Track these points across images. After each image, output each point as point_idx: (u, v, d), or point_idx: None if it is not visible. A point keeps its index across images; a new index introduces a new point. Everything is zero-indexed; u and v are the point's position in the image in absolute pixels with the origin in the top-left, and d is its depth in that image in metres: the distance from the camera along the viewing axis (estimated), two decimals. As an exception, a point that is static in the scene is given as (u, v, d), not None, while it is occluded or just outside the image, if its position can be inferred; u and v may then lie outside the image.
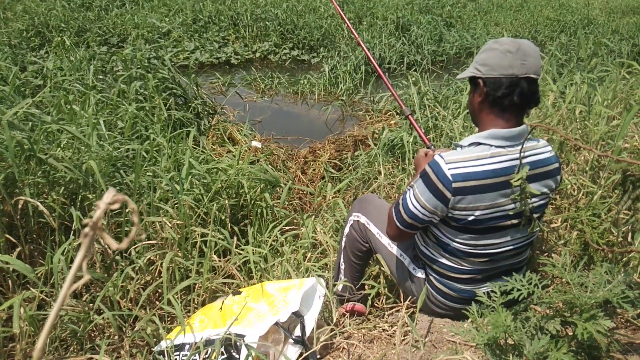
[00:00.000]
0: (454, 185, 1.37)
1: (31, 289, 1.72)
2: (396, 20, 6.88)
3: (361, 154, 3.56)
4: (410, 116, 2.06)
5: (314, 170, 3.62)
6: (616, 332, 1.42)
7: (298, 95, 5.23)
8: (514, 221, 1.45)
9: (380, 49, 6.11)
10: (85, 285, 1.94)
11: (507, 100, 1.38)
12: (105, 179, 2.07)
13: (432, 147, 1.89)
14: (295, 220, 2.64)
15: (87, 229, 0.39)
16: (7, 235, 1.84)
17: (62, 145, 2.24)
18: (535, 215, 1.46)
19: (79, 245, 1.90)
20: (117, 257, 1.97)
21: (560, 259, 1.33)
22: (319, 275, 1.92)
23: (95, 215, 0.39)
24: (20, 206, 1.88)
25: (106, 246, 1.94)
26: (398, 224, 1.54)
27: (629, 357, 1.28)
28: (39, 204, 1.82)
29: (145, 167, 2.38)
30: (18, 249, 1.86)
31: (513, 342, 1.16)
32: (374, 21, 7.05)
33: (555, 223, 2.06)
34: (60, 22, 6.37)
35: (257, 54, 6.44)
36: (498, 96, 1.38)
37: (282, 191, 2.65)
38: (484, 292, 1.37)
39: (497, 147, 1.39)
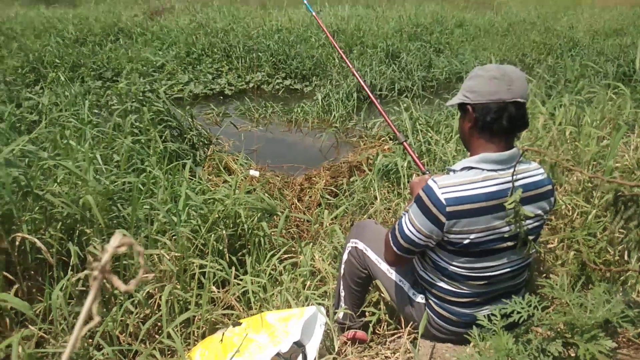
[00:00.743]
0: (447, 209, 1.39)
1: (29, 326, 1.71)
2: (386, 48, 7.01)
3: (356, 180, 3.59)
4: (404, 142, 2.10)
5: (310, 197, 3.63)
6: (618, 352, 1.42)
7: (292, 123, 5.29)
8: (510, 243, 1.46)
9: (371, 76, 6.21)
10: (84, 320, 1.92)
11: (497, 125, 1.41)
12: (102, 213, 2.08)
13: (427, 172, 1.91)
14: (293, 249, 2.64)
15: (95, 272, 0.40)
16: (5, 273, 1.84)
17: (58, 181, 2.25)
18: (530, 238, 1.48)
19: (78, 280, 1.89)
20: (116, 292, 1.96)
21: (559, 280, 1.34)
22: (319, 304, 1.92)
23: (104, 259, 0.41)
24: (17, 243, 1.87)
25: (104, 281, 1.93)
26: (395, 249, 1.55)
27: (632, 377, 1.28)
28: (36, 240, 1.82)
29: (142, 199, 2.38)
30: (16, 286, 1.85)
31: (516, 366, 1.16)
32: (364, 49, 7.18)
33: (552, 243, 2.08)
34: (55, 57, 6.44)
35: (251, 84, 6.52)
36: (487, 121, 1.42)
37: (279, 219, 2.66)
38: (484, 315, 1.37)
39: (489, 170, 1.42)
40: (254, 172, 3.50)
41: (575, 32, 8.70)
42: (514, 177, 1.36)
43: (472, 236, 1.42)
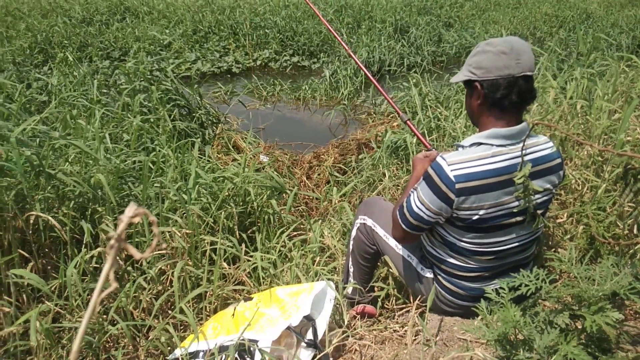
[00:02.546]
0: (457, 186, 1.39)
1: (46, 302, 1.75)
2: (395, 22, 6.91)
3: (365, 157, 3.58)
4: (408, 121, 2.08)
5: (318, 175, 3.64)
6: (625, 324, 1.43)
7: (300, 101, 5.27)
8: (519, 218, 1.46)
9: (379, 51, 6.14)
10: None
11: (507, 101, 1.40)
12: (113, 191, 2.11)
13: (433, 149, 1.90)
14: (302, 226, 2.66)
15: (112, 241, 0.41)
16: (20, 251, 1.88)
17: (70, 160, 2.28)
18: (539, 212, 1.47)
19: (91, 257, 1.93)
20: (129, 268, 2.00)
21: (567, 254, 1.34)
22: (329, 279, 1.94)
23: (119, 228, 0.42)
24: (31, 221, 1.91)
25: (118, 258, 1.96)
26: (404, 226, 1.56)
27: (639, 348, 1.29)
28: (50, 218, 1.85)
29: (153, 178, 2.41)
30: (31, 264, 1.90)
31: (523, 337, 1.17)
32: (373, 24, 7.08)
33: (561, 218, 2.08)
34: (63, 38, 6.44)
35: (258, 62, 6.48)
36: (497, 97, 1.40)
37: (289, 197, 2.68)
38: (492, 289, 1.38)
39: (498, 146, 1.41)
40: (263, 158, 3.52)
41: (589, 4, 8.51)
42: (523, 151, 1.35)
43: (481, 212, 1.43)
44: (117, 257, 1.90)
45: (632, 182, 1.13)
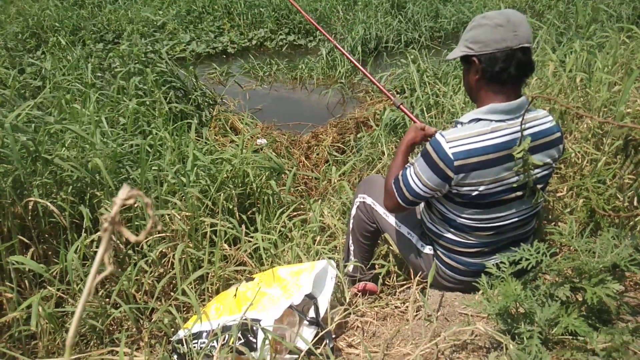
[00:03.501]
0: (455, 163, 1.38)
1: (48, 287, 1.76)
2: (391, -2, 6.80)
3: (364, 136, 3.56)
4: (401, 106, 2.04)
5: (317, 154, 3.63)
6: (625, 295, 1.44)
7: (297, 80, 5.22)
8: (518, 193, 1.46)
9: (376, 28, 6.06)
10: (100, 281, 1.97)
11: (505, 74, 1.38)
12: (111, 175, 2.10)
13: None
14: (302, 206, 2.66)
15: (106, 224, 0.41)
16: (20, 237, 1.87)
17: (66, 145, 2.26)
18: (539, 186, 1.47)
19: (92, 242, 1.93)
20: (130, 252, 2.00)
21: (567, 227, 1.34)
22: (330, 258, 1.95)
23: (113, 211, 0.41)
24: (30, 207, 1.91)
25: (118, 241, 1.97)
26: (399, 199, 1.55)
27: (639, 319, 1.29)
28: (48, 203, 1.85)
29: (151, 161, 2.40)
30: (32, 250, 1.90)
31: (524, 311, 1.18)
32: (369, 1, 6.97)
33: (561, 192, 2.07)
34: (55, 22, 6.34)
35: (254, 42, 6.40)
36: (496, 71, 1.38)
37: (288, 178, 2.67)
38: (493, 264, 1.38)
39: (497, 121, 1.39)
40: (261, 141, 3.49)
41: (588, -25, 8.36)
42: (523, 126, 1.34)
43: (481, 188, 1.42)
44: (117, 241, 1.90)
45: (633, 153, 1.12)
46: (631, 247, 1.21)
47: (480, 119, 1.41)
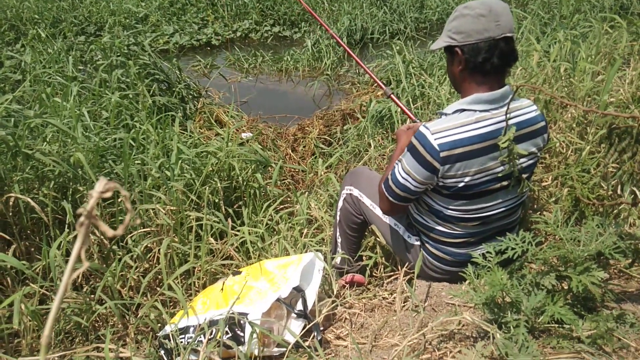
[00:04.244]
0: (441, 154, 1.37)
1: (31, 284, 1.73)
2: (376, -11, 6.77)
3: (350, 128, 3.56)
4: (392, 95, 2.04)
5: (304, 147, 3.61)
6: (610, 283, 1.45)
7: (282, 72, 5.18)
8: (504, 183, 1.46)
9: (362, 19, 6.03)
10: (84, 277, 1.94)
11: (489, 64, 1.38)
12: (94, 170, 2.06)
13: (418, 120, 1.88)
14: (289, 199, 2.65)
15: (82, 218, 0.39)
16: (1, 233, 1.84)
17: (47, 139, 2.22)
18: (524, 176, 1.47)
19: (75, 237, 1.90)
20: (114, 247, 1.98)
21: (552, 216, 1.35)
22: (317, 250, 1.94)
23: (89, 204, 0.39)
24: (11, 203, 1.87)
25: (102, 237, 1.94)
26: (390, 198, 1.55)
27: (624, 306, 1.31)
28: (29, 200, 1.81)
29: (134, 155, 2.36)
30: (13, 246, 1.86)
31: (510, 300, 1.19)
32: (354, -9, 6.94)
33: (546, 181, 2.09)
34: (34, 13, 6.21)
35: (238, 33, 6.34)
36: (479, 62, 1.38)
37: (274, 170, 2.65)
38: (479, 254, 1.39)
39: (481, 111, 1.39)
40: (246, 135, 3.46)
41: (571, -35, 8.40)
42: (507, 115, 1.34)
43: (467, 179, 1.42)
44: (102, 236, 1.87)
45: (617, 141, 1.12)
46: (615, 235, 1.22)
47: (464, 110, 1.41)
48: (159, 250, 1.92)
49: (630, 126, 1.12)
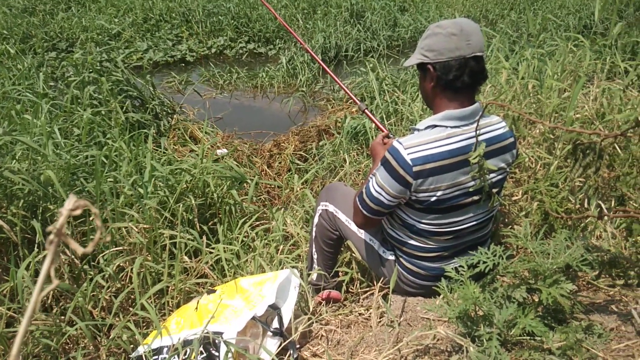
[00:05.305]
0: (414, 169, 1.40)
1: (-3, 307, 1.67)
2: (350, 7, 6.88)
3: (326, 144, 3.58)
4: (366, 110, 2.08)
5: (280, 163, 3.62)
6: (578, 295, 1.49)
7: (258, 89, 5.20)
8: (475, 197, 1.49)
9: (336, 37, 6.12)
10: (54, 297, 1.89)
11: (459, 82, 1.41)
12: (65, 188, 2.02)
13: (392, 136, 1.91)
14: (264, 215, 2.64)
15: (51, 236, 0.39)
16: (-33, 255, 1.78)
17: (17, 157, 2.17)
18: (494, 190, 1.51)
19: (45, 257, 1.85)
20: (86, 267, 1.94)
21: (523, 230, 1.38)
22: (293, 267, 1.94)
23: (59, 222, 0.39)
24: (-23, 223, 1.81)
25: (73, 256, 1.90)
26: (364, 211, 1.57)
27: (592, 317, 1.34)
28: (-3, 219, 1.77)
29: (106, 173, 2.33)
30: (-21, 268, 1.80)
31: (483, 313, 1.21)
32: (328, 9, 7.04)
33: (516, 196, 2.14)
34: (2, 29, 6.10)
35: (213, 50, 6.34)
36: (449, 79, 1.42)
37: (249, 187, 2.65)
38: (452, 268, 1.41)
39: (452, 127, 1.43)
40: (221, 151, 3.45)
41: (537, -14, 8.70)
42: (477, 131, 1.37)
43: (439, 193, 1.45)
44: (72, 256, 1.83)
45: (581, 157, 1.16)
46: (583, 247, 1.25)
47: (436, 125, 1.44)
48: (131, 269, 1.88)
49: (594, 142, 1.17)
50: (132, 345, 1.70)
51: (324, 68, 2.34)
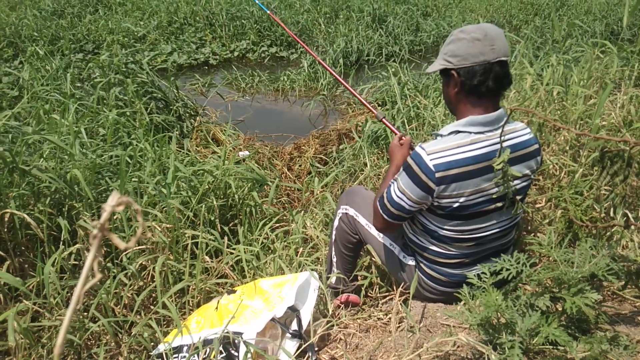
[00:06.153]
0: (436, 175, 1.39)
1: (24, 301, 1.71)
2: (372, 12, 6.89)
3: (346, 147, 3.58)
4: (384, 119, 2.07)
5: (300, 166, 3.63)
6: (603, 305, 1.46)
7: (279, 92, 5.23)
8: (498, 204, 1.48)
9: (358, 41, 6.13)
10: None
11: (484, 87, 1.40)
12: (90, 187, 2.06)
13: (406, 136, 1.90)
14: (284, 217, 2.65)
15: (95, 231, 0.40)
16: (-5, 250, 1.83)
17: (44, 156, 2.22)
18: (518, 197, 1.49)
19: (70, 254, 1.89)
20: (109, 264, 1.97)
21: (546, 238, 1.36)
22: (312, 269, 1.94)
23: (102, 218, 0.41)
24: (6, 219, 1.86)
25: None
26: (385, 216, 1.56)
27: (617, 328, 1.32)
28: (25, 215, 1.81)
29: (131, 172, 2.37)
30: (7, 263, 1.85)
31: (505, 321, 1.19)
32: (350, 14, 7.06)
33: (540, 203, 2.11)
34: (33, 31, 6.26)
35: (235, 53, 6.41)
36: (474, 84, 1.41)
37: (270, 189, 2.66)
38: (474, 274, 1.39)
39: (476, 133, 1.41)
40: (243, 154, 3.48)
41: (563, -9, 8.60)
42: (502, 138, 1.36)
43: (461, 199, 1.44)
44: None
45: (609, 165, 1.14)
46: (608, 257, 1.23)
47: (459, 131, 1.43)
48: (153, 268, 1.91)
49: (622, 150, 1.14)
50: (152, 343, 1.72)
51: (340, 80, 2.33)
